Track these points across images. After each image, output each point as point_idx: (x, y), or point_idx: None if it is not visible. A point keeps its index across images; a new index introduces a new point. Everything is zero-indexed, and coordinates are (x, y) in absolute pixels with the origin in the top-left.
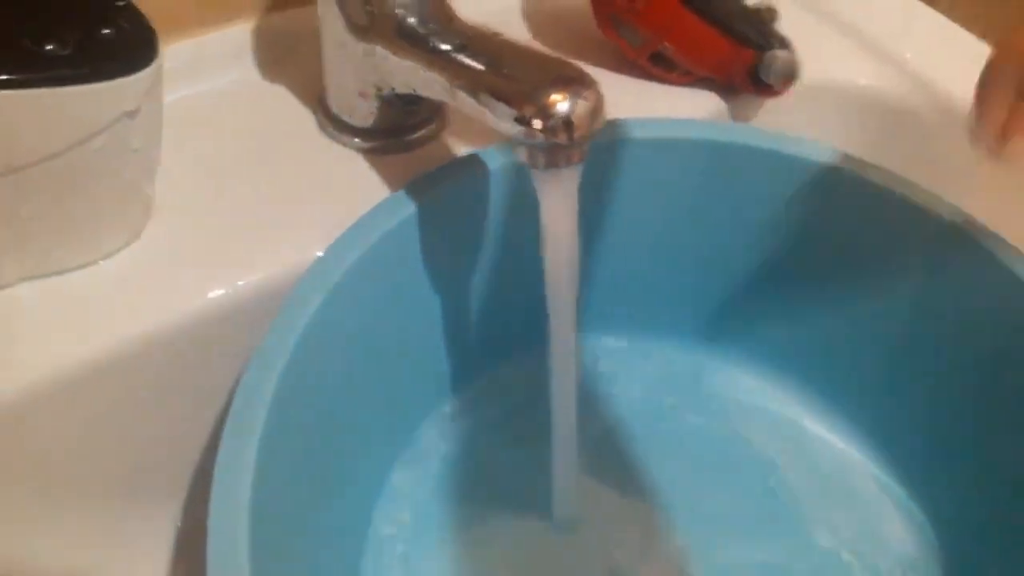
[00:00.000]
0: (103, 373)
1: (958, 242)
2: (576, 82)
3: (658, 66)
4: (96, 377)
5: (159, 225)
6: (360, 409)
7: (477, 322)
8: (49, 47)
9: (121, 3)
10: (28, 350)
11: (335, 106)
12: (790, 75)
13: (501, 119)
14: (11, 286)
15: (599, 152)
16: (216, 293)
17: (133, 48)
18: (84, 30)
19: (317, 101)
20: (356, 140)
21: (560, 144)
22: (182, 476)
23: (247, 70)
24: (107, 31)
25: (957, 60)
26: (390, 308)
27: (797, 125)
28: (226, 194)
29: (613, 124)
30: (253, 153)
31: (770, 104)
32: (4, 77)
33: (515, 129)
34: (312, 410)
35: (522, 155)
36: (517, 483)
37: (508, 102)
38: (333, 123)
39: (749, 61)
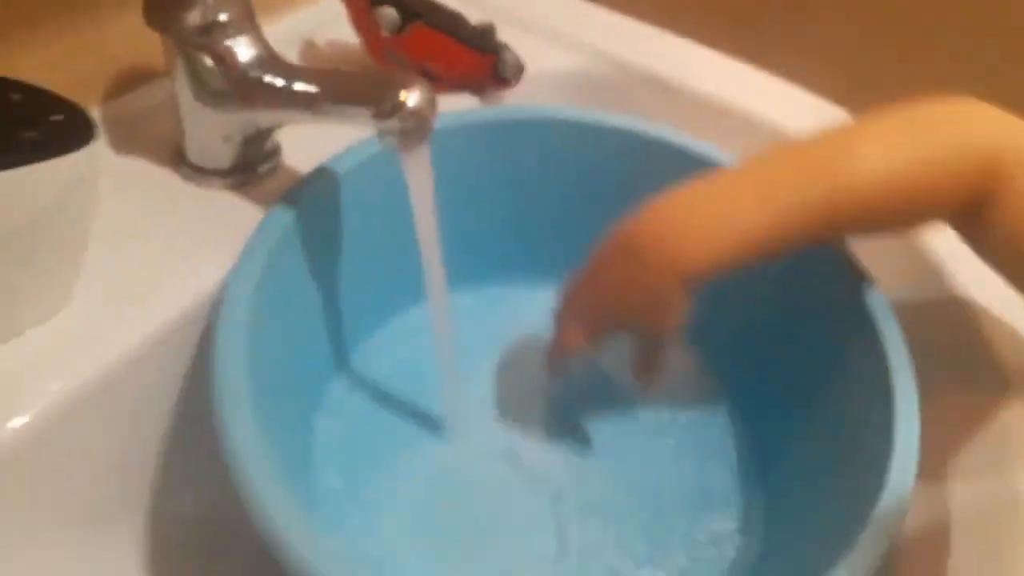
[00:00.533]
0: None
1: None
2: (412, 82)
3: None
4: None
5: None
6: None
7: (373, 284)
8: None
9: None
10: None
11: (195, 158)
12: (520, 68)
13: (364, 119)
14: None
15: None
16: (146, 330)
17: (69, 134)
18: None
19: (177, 157)
20: (219, 180)
21: (413, 127)
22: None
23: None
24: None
25: (629, 42)
26: (301, 284)
27: None
28: (124, 250)
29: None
30: (138, 209)
31: (508, 94)
32: None
33: (380, 124)
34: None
35: (389, 143)
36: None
37: (368, 105)
38: (196, 171)
39: (490, 64)
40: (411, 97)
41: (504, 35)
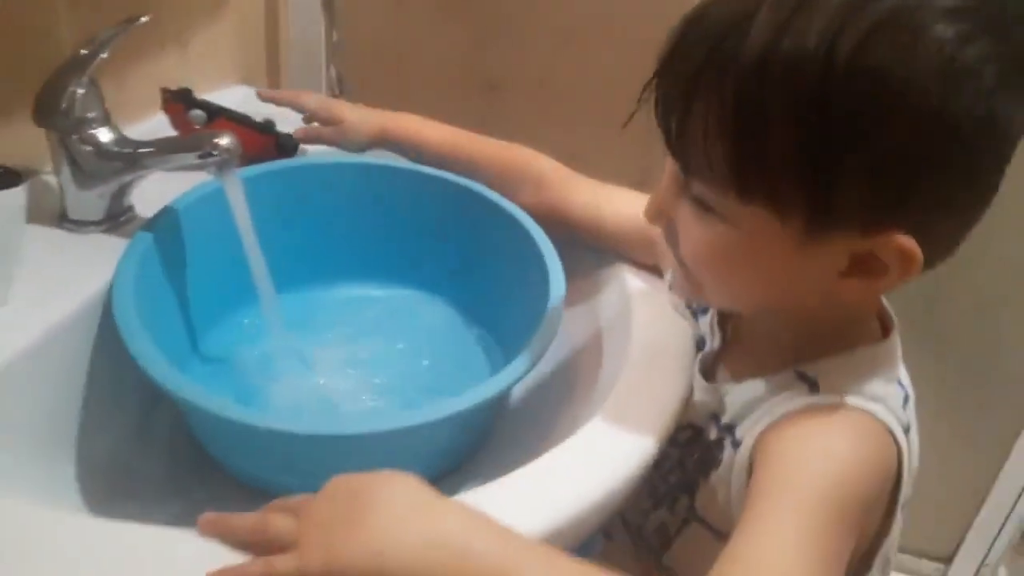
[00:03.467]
0: None
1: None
2: (221, 132)
3: None
4: None
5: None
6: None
7: (216, 284)
8: None
9: None
10: None
11: (75, 215)
12: (295, 145)
13: (192, 160)
14: None
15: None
16: (58, 318)
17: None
18: None
19: (62, 217)
20: (94, 227)
21: (227, 159)
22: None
23: None
24: None
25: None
26: (160, 283)
27: None
28: (38, 272)
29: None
30: (42, 248)
31: None
32: None
33: (204, 160)
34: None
35: (212, 173)
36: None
37: (194, 151)
38: (76, 224)
39: (274, 142)
40: (222, 139)
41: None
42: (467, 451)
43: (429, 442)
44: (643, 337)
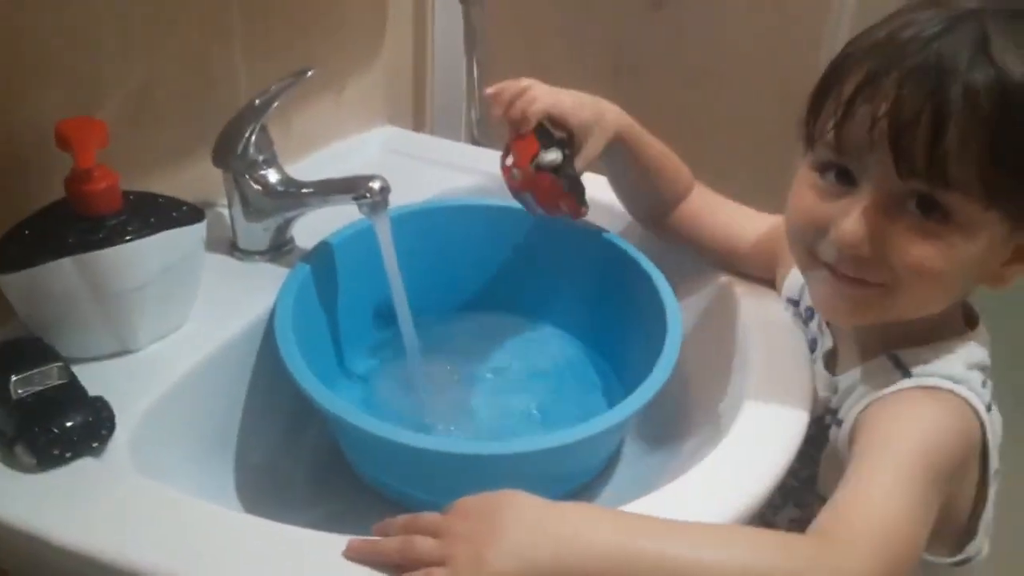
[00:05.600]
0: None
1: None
2: (374, 176)
3: None
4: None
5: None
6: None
7: (363, 310)
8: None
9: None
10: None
11: (243, 245)
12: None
13: (347, 201)
14: (142, 349)
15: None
16: (230, 335)
17: (192, 216)
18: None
19: (231, 246)
20: (259, 257)
21: (379, 200)
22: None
23: None
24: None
25: None
26: (315, 308)
27: None
28: (214, 294)
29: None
30: (217, 275)
31: None
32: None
33: (359, 201)
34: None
35: (365, 213)
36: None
37: (350, 192)
38: (244, 254)
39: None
40: (375, 182)
41: None
42: (591, 473)
43: (560, 463)
44: (765, 345)
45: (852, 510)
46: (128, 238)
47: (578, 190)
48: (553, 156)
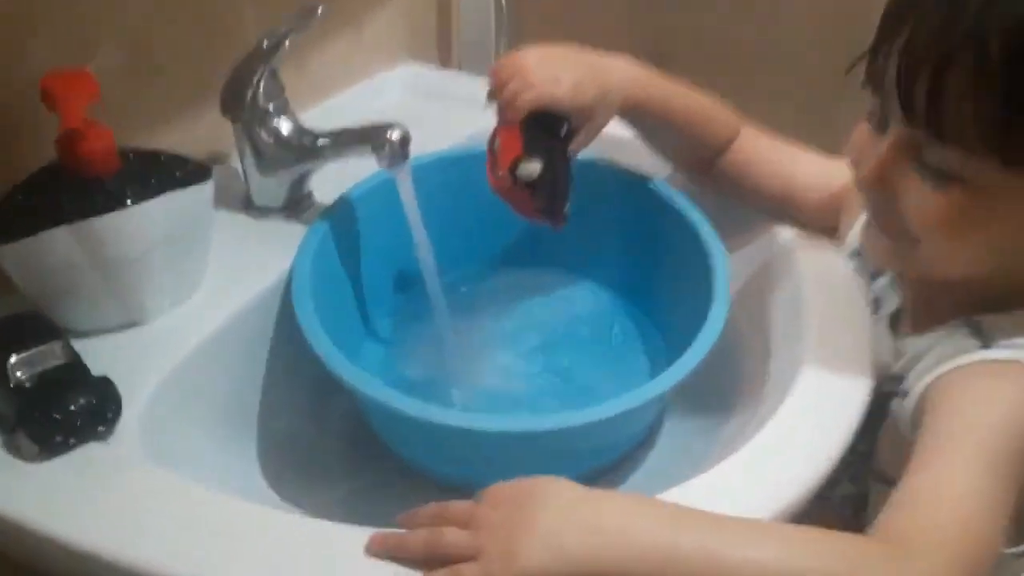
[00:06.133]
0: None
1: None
2: (394, 125)
3: None
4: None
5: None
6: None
7: (386, 268)
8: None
9: None
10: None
11: (259, 201)
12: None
13: (367, 152)
14: (151, 321)
15: None
16: (248, 298)
17: (199, 174)
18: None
19: (247, 203)
20: (276, 213)
21: (399, 151)
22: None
23: None
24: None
25: None
26: (336, 268)
27: None
28: (228, 258)
29: None
30: (231, 235)
31: None
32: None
33: (378, 152)
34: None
35: (384, 164)
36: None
37: (368, 143)
38: (260, 211)
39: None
40: (394, 133)
41: None
42: (630, 444)
43: (597, 438)
44: (823, 304)
45: (926, 511)
46: (128, 202)
47: (558, 201)
48: (532, 168)
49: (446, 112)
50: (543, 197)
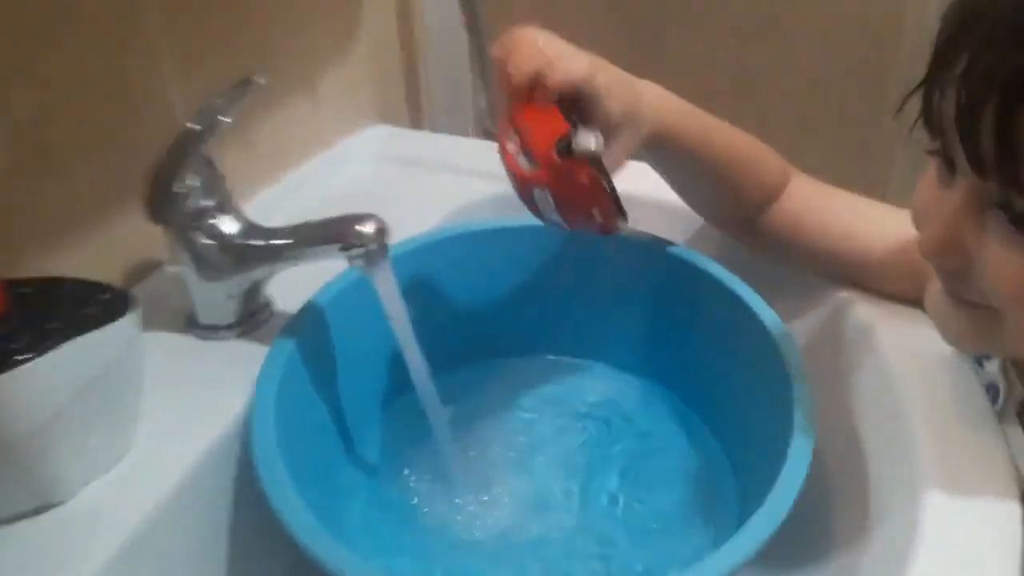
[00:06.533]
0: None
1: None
2: (366, 218)
3: None
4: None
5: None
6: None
7: (369, 380)
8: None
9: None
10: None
11: (205, 319)
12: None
13: (334, 253)
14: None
15: None
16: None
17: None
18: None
19: (191, 322)
20: (228, 332)
21: (375, 250)
22: None
23: None
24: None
25: None
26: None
27: None
28: (166, 399)
29: None
30: (169, 367)
31: None
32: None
33: (348, 253)
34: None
35: (359, 266)
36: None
37: (335, 241)
38: (207, 330)
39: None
40: (367, 226)
41: None
42: None
43: None
44: (923, 395)
45: None
46: (18, 358)
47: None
48: (589, 139)
49: (422, 180)
50: (608, 178)
